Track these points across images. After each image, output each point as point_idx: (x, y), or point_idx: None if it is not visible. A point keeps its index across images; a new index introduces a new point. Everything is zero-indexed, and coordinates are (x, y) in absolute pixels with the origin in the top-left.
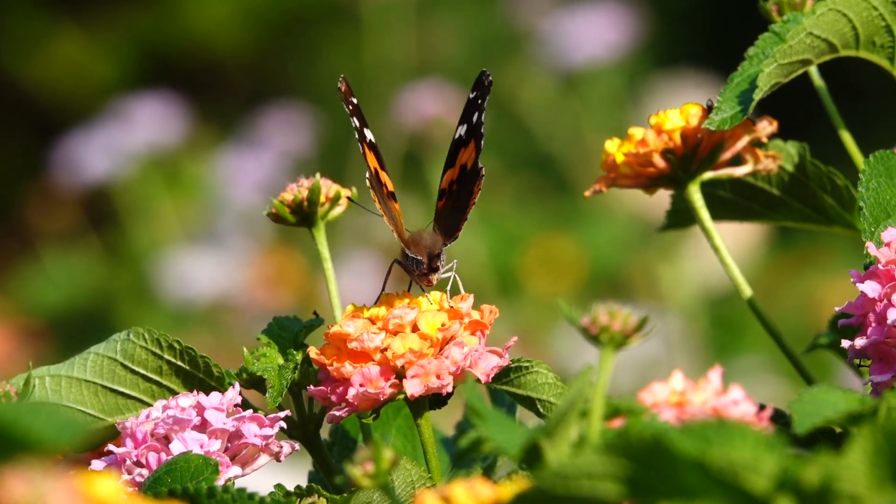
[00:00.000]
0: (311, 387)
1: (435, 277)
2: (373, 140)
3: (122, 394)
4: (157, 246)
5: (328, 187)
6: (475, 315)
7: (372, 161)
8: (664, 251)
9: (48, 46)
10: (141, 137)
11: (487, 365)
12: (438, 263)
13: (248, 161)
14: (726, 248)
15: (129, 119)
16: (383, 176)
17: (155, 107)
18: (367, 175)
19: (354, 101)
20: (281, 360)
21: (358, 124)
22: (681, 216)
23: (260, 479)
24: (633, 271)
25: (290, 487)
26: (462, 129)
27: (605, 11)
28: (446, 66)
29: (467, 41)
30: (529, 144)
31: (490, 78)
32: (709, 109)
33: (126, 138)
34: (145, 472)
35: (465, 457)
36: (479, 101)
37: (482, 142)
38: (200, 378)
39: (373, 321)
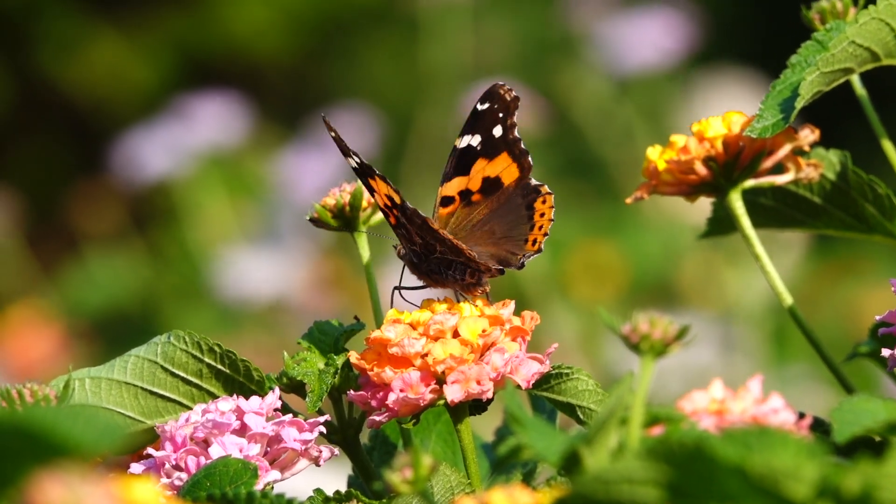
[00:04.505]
0: (352, 391)
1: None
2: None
3: (162, 396)
4: (212, 245)
5: None
6: (516, 321)
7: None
8: (712, 259)
9: (87, 49)
10: (202, 136)
11: (528, 371)
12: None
13: (309, 162)
14: (767, 257)
15: (190, 118)
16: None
17: (216, 106)
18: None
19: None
20: (321, 365)
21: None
22: (722, 224)
23: (299, 483)
24: (679, 278)
25: (330, 492)
26: (473, 139)
27: (660, 17)
28: (501, 69)
29: (522, 45)
30: (579, 148)
31: (511, 92)
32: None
33: (187, 137)
34: (184, 475)
35: (504, 463)
36: (501, 115)
37: (528, 158)
38: (240, 382)
39: (413, 326)
